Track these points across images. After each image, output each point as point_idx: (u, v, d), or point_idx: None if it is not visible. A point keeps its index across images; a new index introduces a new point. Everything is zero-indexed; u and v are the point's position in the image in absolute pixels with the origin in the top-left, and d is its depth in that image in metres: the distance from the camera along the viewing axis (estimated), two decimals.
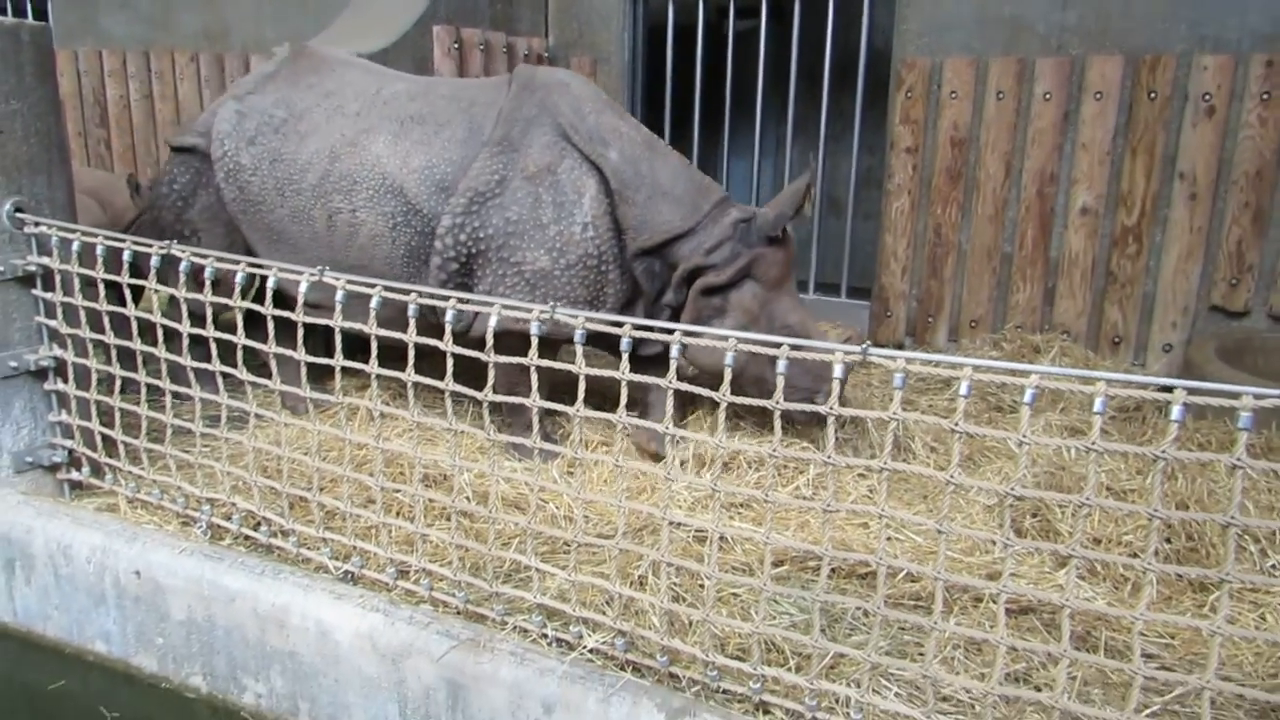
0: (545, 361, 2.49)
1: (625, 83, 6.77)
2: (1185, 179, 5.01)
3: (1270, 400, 1.79)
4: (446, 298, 2.59)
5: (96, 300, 3.25)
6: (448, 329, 2.58)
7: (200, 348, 3.08)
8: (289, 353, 2.87)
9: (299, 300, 2.78)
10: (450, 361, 2.62)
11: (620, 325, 2.40)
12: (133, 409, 3.34)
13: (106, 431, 3.43)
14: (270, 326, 2.88)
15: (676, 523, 2.96)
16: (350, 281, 2.73)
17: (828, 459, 2.20)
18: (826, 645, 2.30)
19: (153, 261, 3.06)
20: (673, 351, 2.35)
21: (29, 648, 3.44)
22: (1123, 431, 4.24)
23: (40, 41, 3.40)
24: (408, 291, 2.64)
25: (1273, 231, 4.90)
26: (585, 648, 2.59)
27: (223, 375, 3.07)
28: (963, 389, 2.05)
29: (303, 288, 2.78)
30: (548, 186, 3.76)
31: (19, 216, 3.32)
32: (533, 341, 2.48)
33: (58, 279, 3.33)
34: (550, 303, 3.65)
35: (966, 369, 2.04)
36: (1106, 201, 5.24)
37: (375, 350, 2.74)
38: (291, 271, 2.83)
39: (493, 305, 2.57)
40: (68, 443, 3.53)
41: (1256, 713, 2.46)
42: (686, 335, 2.34)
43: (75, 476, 3.57)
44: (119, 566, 3.17)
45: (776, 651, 2.64)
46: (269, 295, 2.83)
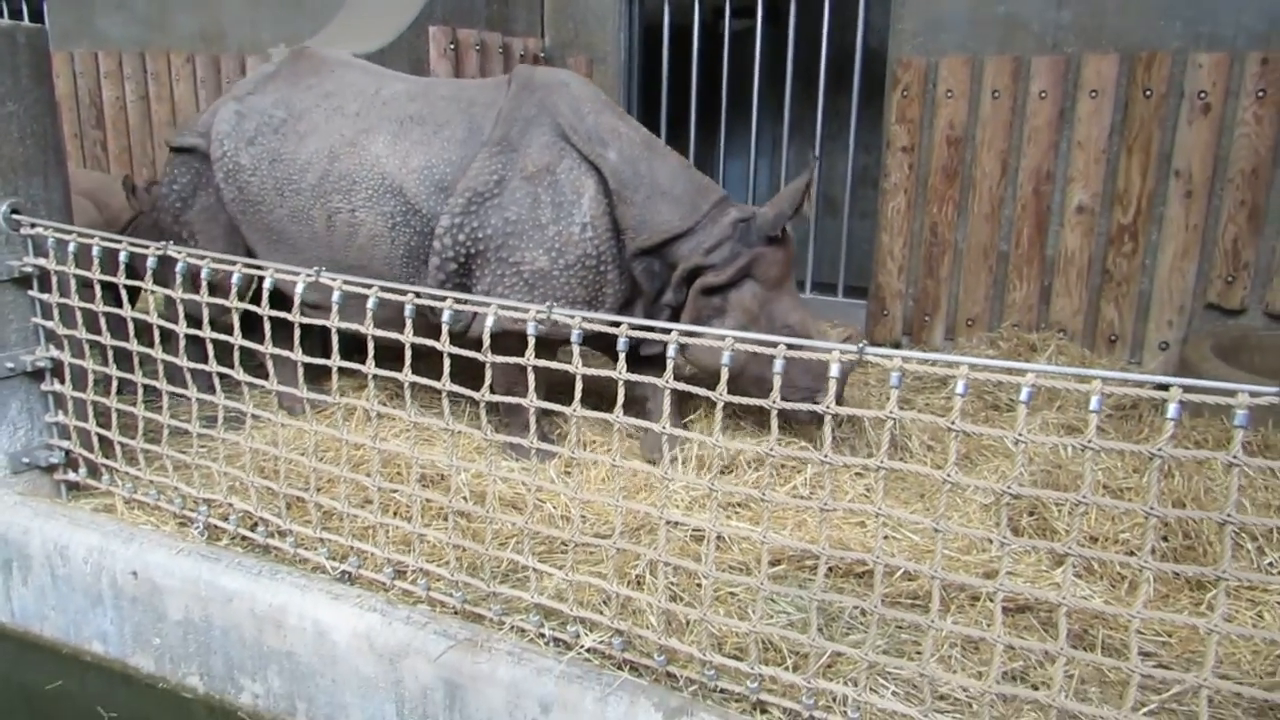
0: (542, 361, 2.49)
1: (621, 83, 6.77)
2: (1181, 177, 5.02)
3: (1266, 398, 1.80)
4: (443, 298, 2.59)
5: (93, 301, 3.25)
6: (444, 329, 2.58)
7: (197, 348, 3.09)
8: (286, 353, 2.87)
9: (295, 301, 2.78)
10: (447, 362, 2.62)
11: (617, 325, 2.40)
12: (129, 410, 3.34)
13: (103, 432, 3.43)
14: (267, 327, 2.88)
15: (674, 522, 2.96)
16: (347, 282, 2.73)
17: (824, 458, 2.20)
18: (824, 644, 2.30)
19: (149, 262, 3.06)
20: (669, 351, 2.35)
21: (26, 648, 3.43)
22: (1119, 430, 4.24)
23: (36, 43, 3.40)
24: (404, 292, 2.64)
25: (1268, 229, 4.90)
26: (583, 647, 2.59)
27: (219, 376, 3.07)
28: (959, 387, 2.06)
29: (299, 288, 2.78)
30: (546, 187, 3.75)
31: (15, 218, 3.32)
32: (530, 341, 2.49)
33: (54, 280, 3.33)
34: (549, 303, 3.66)
35: (963, 368, 2.05)
36: (1102, 200, 5.24)
37: (372, 350, 2.74)
38: (288, 272, 2.83)
39: (489, 306, 2.57)
40: (64, 443, 3.53)
41: (1254, 711, 2.46)
42: (686, 335, 2.34)
43: (72, 477, 3.57)
44: (116, 567, 3.17)
45: (774, 650, 2.64)
46: (265, 296, 2.83)
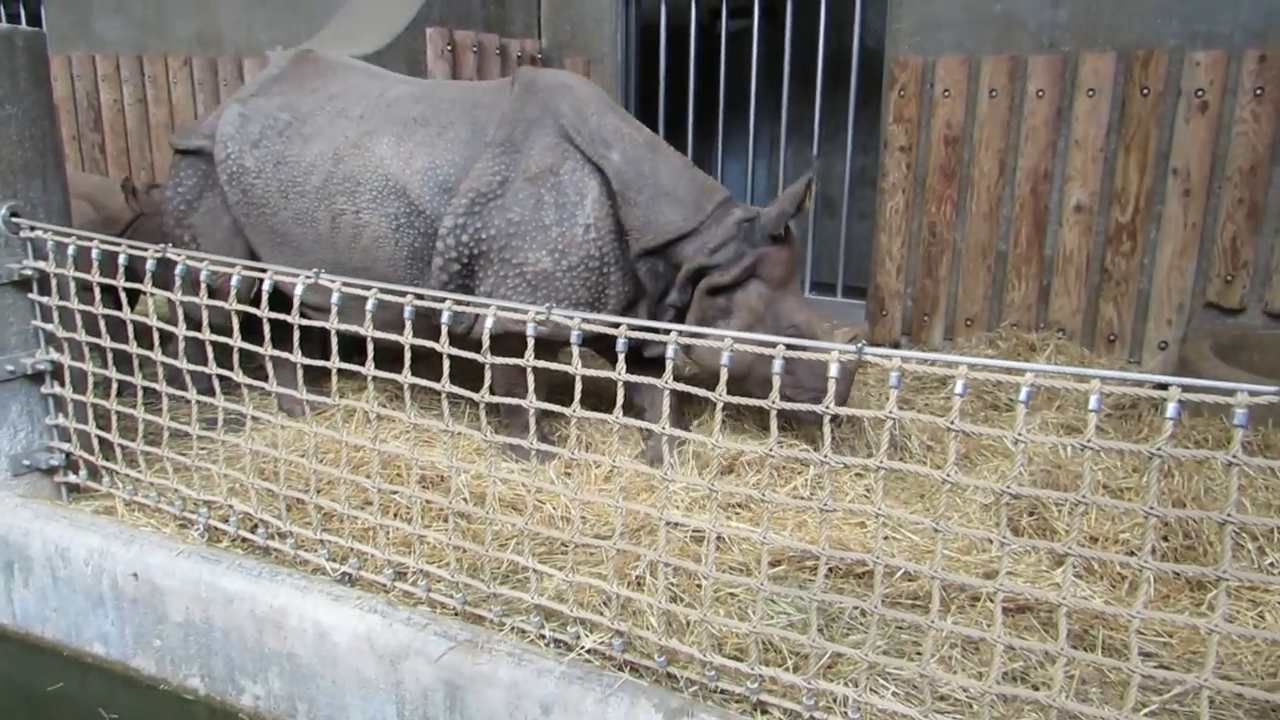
0: (542, 363, 2.49)
1: (618, 84, 6.77)
2: (1179, 175, 5.02)
3: (1266, 397, 1.80)
4: (443, 299, 2.59)
5: (92, 304, 3.25)
6: (444, 330, 2.58)
7: (197, 350, 3.09)
8: (285, 355, 2.87)
9: (294, 302, 2.79)
10: (447, 363, 2.62)
11: (616, 326, 2.40)
12: (129, 412, 3.34)
13: (103, 435, 3.43)
14: (266, 329, 2.88)
15: (674, 523, 2.96)
16: (346, 284, 2.73)
17: (825, 459, 2.21)
18: (824, 645, 2.30)
19: (148, 265, 3.06)
20: (669, 352, 2.35)
21: (28, 649, 3.44)
22: (1119, 429, 4.24)
23: (34, 46, 3.40)
24: (403, 293, 2.64)
25: (1267, 227, 4.91)
26: (583, 648, 2.60)
27: (219, 378, 3.07)
28: (958, 387, 2.06)
29: (299, 290, 2.78)
30: (550, 188, 3.75)
31: (14, 221, 3.32)
32: (529, 343, 2.49)
33: (53, 283, 3.33)
34: (553, 303, 3.66)
35: (962, 367, 2.05)
36: (1100, 199, 5.25)
37: (371, 352, 2.74)
38: (288, 274, 2.83)
39: (489, 307, 2.57)
40: (65, 446, 3.53)
41: (1256, 712, 2.46)
42: (689, 336, 2.34)
43: (72, 479, 3.57)
44: (117, 569, 3.17)
45: (774, 651, 2.64)
46: (265, 297, 2.83)
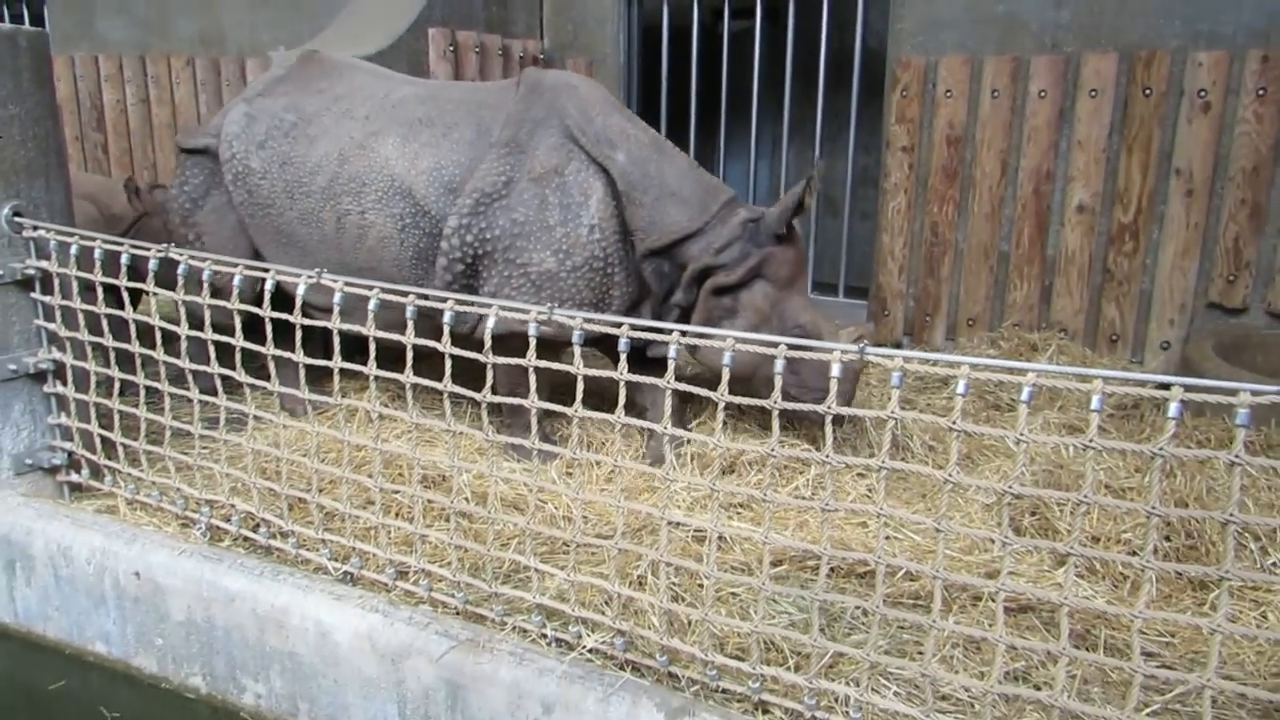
0: (544, 363, 2.49)
1: (620, 84, 6.77)
2: (1182, 175, 5.02)
3: (1268, 397, 1.79)
4: (445, 299, 2.59)
5: (95, 303, 3.26)
6: (446, 330, 2.58)
7: (200, 350, 3.09)
8: (288, 355, 2.87)
9: (296, 302, 2.79)
10: (449, 363, 2.62)
11: (618, 326, 2.40)
12: (132, 411, 3.34)
13: (106, 434, 3.44)
14: (268, 329, 2.88)
15: (675, 523, 2.96)
16: (348, 284, 2.74)
17: (826, 458, 2.21)
18: (825, 644, 2.30)
19: (150, 265, 3.06)
20: (670, 352, 2.35)
21: (29, 648, 3.44)
22: (1121, 429, 4.24)
23: (37, 47, 3.41)
24: (405, 293, 2.64)
25: (1270, 228, 4.90)
26: (584, 647, 2.60)
27: (221, 377, 3.07)
28: (960, 387, 2.05)
29: (300, 289, 2.78)
30: (554, 188, 3.75)
31: (17, 220, 3.33)
32: (530, 343, 2.49)
33: (56, 282, 3.33)
34: (556, 304, 3.66)
35: (964, 367, 2.05)
36: (1103, 199, 5.24)
37: (374, 352, 2.74)
38: (290, 273, 2.83)
39: (490, 307, 2.57)
40: (67, 445, 3.54)
41: (1259, 712, 2.45)
42: (693, 336, 2.34)
43: (75, 478, 3.57)
44: (119, 568, 3.18)
45: (776, 651, 2.64)
46: (266, 298, 2.84)
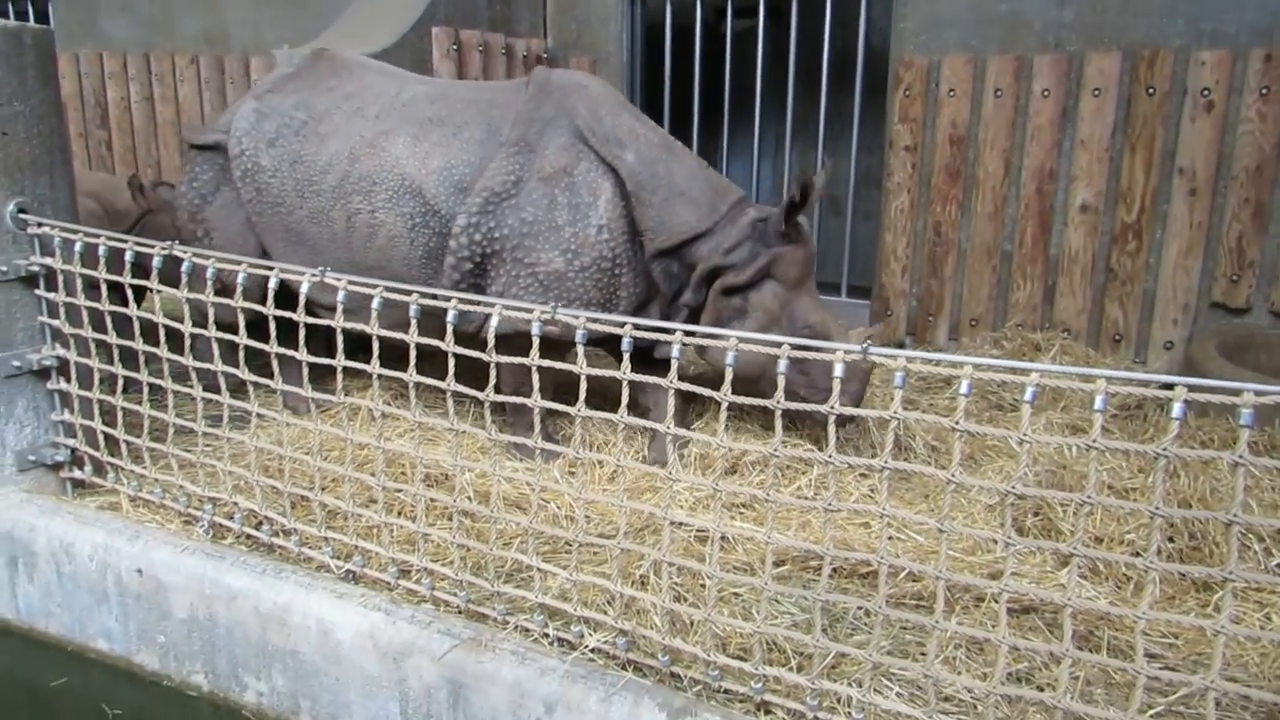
0: (547, 362, 2.49)
1: (624, 84, 6.77)
2: (1185, 175, 5.01)
3: (1272, 397, 1.79)
4: (448, 299, 2.59)
5: (99, 300, 3.26)
6: (449, 329, 2.58)
7: (204, 347, 3.09)
8: (291, 353, 2.87)
9: (300, 300, 2.79)
10: (452, 362, 2.62)
11: (622, 326, 2.40)
12: (135, 408, 3.35)
13: (109, 430, 3.44)
14: (272, 327, 2.88)
15: (678, 522, 2.96)
16: (353, 282, 2.74)
17: (829, 458, 2.20)
18: (828, 645, 2.30)
19: (155, 262, 3.07)
20: (674, 352, 2.35)
21: (31, 645, 3.45)
22: (1124, 429, 4.23)
23: (42, 44, 3.41)
24: (409, 292, 2.64)
25: (1273, 227, 4.89)
26: (587, 647, 2.60)
27: (225, 375, 3.07)
28: (963, 388, 2.05)
29: (304, 288, 2.78)
30: (564, 188, 3.75)
31: (22, 217, 3.33)
32: (534, 342, 2.49)
33: (60, 279, 3.34)
34: (564, 304, 3.65)
35: (967, 368, 2.04)
36: (1106, 198, 5.24)
37: (377, 350, 2.74)
38: (295, 272, 2.83)
39: (494, 306, 2.57)
40: (70, 442, 3.54)
41: (1263, 714, 2.45)
42: (701, 337, 2.33)
43: (78, 475, 3.58)
44: (121, 565, 3.18)
45: (778, 651, 2.64)
46: (270, 296, 2.84)
